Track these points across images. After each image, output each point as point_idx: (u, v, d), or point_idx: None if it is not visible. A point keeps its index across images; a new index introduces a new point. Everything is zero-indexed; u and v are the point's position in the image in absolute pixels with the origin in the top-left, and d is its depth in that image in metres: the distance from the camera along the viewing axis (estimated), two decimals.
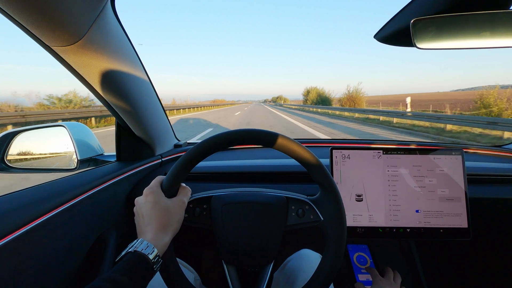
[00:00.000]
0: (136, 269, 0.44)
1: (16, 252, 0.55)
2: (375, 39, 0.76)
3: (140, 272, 0.44)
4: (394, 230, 0.82)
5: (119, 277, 0.41)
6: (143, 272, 0.45)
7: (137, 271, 0.44)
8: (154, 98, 0.96)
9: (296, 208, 0.66)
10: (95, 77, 0.69)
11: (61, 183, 0.72)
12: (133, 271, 0.43)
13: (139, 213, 0.54)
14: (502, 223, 1.05)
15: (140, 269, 0.45)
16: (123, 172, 0.89)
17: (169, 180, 0.56)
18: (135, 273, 0.43)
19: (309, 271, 0.73)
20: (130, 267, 0.44)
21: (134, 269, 0.44)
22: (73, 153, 0.92)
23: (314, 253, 0.84)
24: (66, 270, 0.68)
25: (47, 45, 0.56)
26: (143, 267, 0.45)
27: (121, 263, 0.44)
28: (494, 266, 1.21)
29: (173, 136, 1.23)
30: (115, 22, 0.67)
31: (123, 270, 0.43)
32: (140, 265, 0.45)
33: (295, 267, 0.77)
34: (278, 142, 0.56)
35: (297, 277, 0.73)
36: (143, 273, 0.45)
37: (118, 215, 0.88)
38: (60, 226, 0.65)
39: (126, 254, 0.46)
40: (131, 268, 0.44)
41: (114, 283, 0.40)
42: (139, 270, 0.44)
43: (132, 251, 0.46)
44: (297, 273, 0.74)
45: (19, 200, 0.60)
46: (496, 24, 0.61)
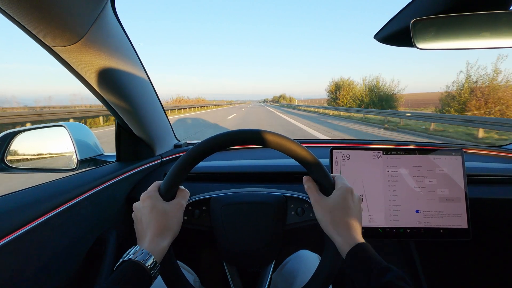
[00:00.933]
0: (131, 278, 0.44)
1: (16, 252, 0.55)
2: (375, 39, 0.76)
3: (136, 280, 0.44)
4: (394, 230, 0.82)
5: (112, 287, 0.41)
6: (138, 280, 0.45)
7: (132, 279, 0.44)
8: (154, 98, 0.96)
9: (296, 207, 0.66)
10: (95, 77, 0.69)
11: (61, 183, 0.72)
12: (127, 280, 0.43)
13: (137, 218, 0.54)
14: (502, 224, 1.05)
15: (136, 277, 0.44)
16: (123, 172, 0.89)
17: (167, 184, 0.56)
18: (130, 281, 0.43)
19: (307, 272, 0.72)
20: (124, 277, 0.44)
21: (129, 278, 0.44)
22: (73, 153, 0.92)
23: (312, 253, 0.84)
24: (66, 269, 0.68)
25: (47, 45, 0.57)
26: (138, 275, 0.45)
27: (115, 273, 0.44)
28: (494, 266, 1.21)
29: (173, 136, 1.23)
30: (115, 22, 0.67)
31: (116, 280, 0.43)
32: (135, 273, 0.45)
33: (293, 268, 0.76)
34: (277, 142, 0.55)
35: (296, 278, 0.73)
36: (139, 281, 0.45)
37: (118, 215, 0.88)
38: (60, 226, 0.65)
39: (122, 263, 0.46)
40: (126, 277, 0.44)
41: None
42: (134, 278, 0.44)
43: (127, 259, 0.46)
44: (295, 274, 0.74)
45: (19, 200, 0.60)
46: (496, 24, 0.61)
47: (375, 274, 0.43)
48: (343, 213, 0.53)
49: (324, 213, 0.54)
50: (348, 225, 0.52)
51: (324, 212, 0.54)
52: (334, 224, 0.53)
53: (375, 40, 0.76)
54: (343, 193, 0.54)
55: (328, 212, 0.54)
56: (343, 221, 0.52)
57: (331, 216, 0.53)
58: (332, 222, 0.53)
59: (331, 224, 0.53)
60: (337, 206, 0.54)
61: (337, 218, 0.53)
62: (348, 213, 0.53)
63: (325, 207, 0.55)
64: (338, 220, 0.53)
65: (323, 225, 0.55)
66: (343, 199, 0.54)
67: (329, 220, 0.53)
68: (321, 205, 0.55)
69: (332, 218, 0.53)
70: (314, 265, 0.75)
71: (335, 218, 0.53)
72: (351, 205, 0.54)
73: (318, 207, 0.56)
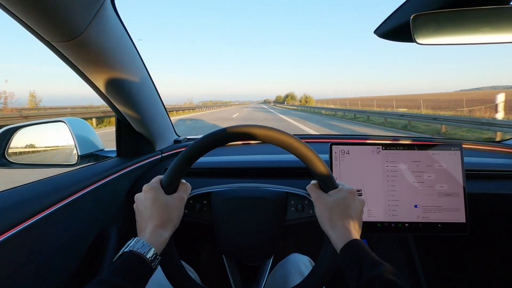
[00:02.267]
0: (131, 269, 0.44)
1: (18, 247, 0.55)
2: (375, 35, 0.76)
3: (136, 272, 0.45)
4: (393, 225, 0.83)
5: (112, 278, 0.41)
6: (139, 271, 0.45)
7: (133, 270, 0.44)
8: (154, 93, 0.96)
9: (296, 203, 0.67)
10: (95, 72, 0.69)
11: (62, 178, 0.73)
12: (128, 271, 0.44)
13: (139, 209, 0.55)
14: (500, 218, 1.06)
15: (136, 268, 0.45)
16: (124, 168, 0.90)
17: (169, 177, 0.56)
18: (131, 273, 0.44)
19: (299, 275, 0.73)
20: (125, 267, 0.44)
21: (129, 269, 0.44)
22: (73, 149, 0.92)
23: (303, 257, 0.84)
24: (68, 264, 0.69)
25: (47, 40, 0.56)
26: (139, 266, 0.45)
27: (116, 264, 0.45)
28: (492, 260, 1.23)
29: (173, 132, 1.24)
30: (114, 18, 0.66)
31: (117, 271, 0.43)
32: (136, 264, 0.45)
33: (286, 272, 0.76)
34: (277, 138, 0.56)
35: (288, 281, 0.73)
36: (140, 272, 0.45)
37: (118, 210, 0.89)
38: (61, 221, 0.66)
39: (122, 254, 0.47)
40: (126, 268, 0.44)
41: (108, 284, 0.40)
42: (135, 270, 0.45)
43: (128, 251, 0.46)
44: (287, 277, 0.74)
45: (20, 195, 0.61)
46: (496, 19, 0.61)
47: (365, 268, 0.44)
48: (342, 212, 0.54)
49: (324, 209, 0.55)
50: (345, 223, 0.53)
51: (324, 208, 0.55)
52: (331, 221, 0.54)
53: (373, 36, 0.76)
54: (344, 193, 0.56)
55: (328, 209, 0.55)
56: (341, 219, 0.53)
57: (330, 213, 0.54)
58: (330, 219, 0.54)
59: (328, 220, 0.54)
60: (337, 204, 0.54)
61: (335, 215, 0.54)
62: (347, 212, 0.54)
63: (325, 204, 0.55)
64: (336, 218, 0.53)
65: (321, 221, 0.56)
66: (344, 198, 0.55)
67: (327, 217, 0.54)
68: (321, 202, 0.56)
69: (331, 215, 0.54)
70: (306, 268, 0.76)
71: (333, 215, 0.54)
72: (351, 205, 0.55)
73: (318, 203, 0.57)
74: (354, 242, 0.49)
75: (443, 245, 1.28)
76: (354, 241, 0.49)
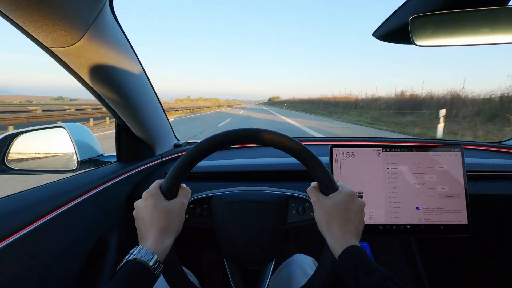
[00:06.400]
0: (135, 278, 0.44)
1: (19, 253, 0.55)
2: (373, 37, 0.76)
3: (140, 280, 0.44)
4: (395, 227, 0.83)
5: (118, 287, 0.41)
6: (143, 280, 0.45)
7: (137, 279, 0.44)
8: (154, 98, 0.96)
9: (296, 206, 0.67)
10: (94, 78, 0.69)
11: (62, 184, 0.72)
12: (132, 280, 0.43)
13: (139, 216, 0.54)
14: (502, 219, 1.05)
15: (140, 277, 0.45)
16: (124, 173, 0.89)
17: (168, 182, 0.56)
18: (135, 281, 0.44)
19: (303, 275, 0.72)
20: (129, 276, 0.44)
21: (134, 278, 0.44)
22: (73, 154, 0.92)
23: (307, 257, 0.83)
24: (69, 270, 0.68)
25: (46, 46, 0.56)
26: (143, 274, 0.45)
27: (120, 273, 0.44)
28: (495, 262, 1.22)
29: (173, 136, 1.23)
30: (113, 23, 0.67)
31: (121, 280, 0.43)
32: (140, 273, 0.45)
33: (290, 272, 0.76)
34: (278, 141, 0.56)
35: (292, 281, 0.72)
36: (144, 281, 0.45)
37: (119, 215, 0.89)
38: (61, 227, 0.65)
39: (126, 263, 0.46)
40: (130, 277, 0.44)
41: None
42: (139, 278, 0.44)
43: (132, 259, 0.46)
44: (292, 278, 0.73)
45: (20, 202, 0.60)
46: (495, 20, 0.61)
47: (362, 275, 0.44)
48: (340, 215, 0.53)
49: (322, 214, 0.54)
50: (343, 228, 0.52)
51: (322, 212, 0.54)
52: (329, 226, 0.53)
53: (371, 38, 0.76)
54: (344, 196, 0.54)
55: (326, 213, 0.54)
56: (339, 223, 0.52)
57: (328, 218, 0.53)
58: (328, 224, 0.53)
59: (326, 225, 0.53)
60: (335, 208, 0.53)
61: (333, 220, 0.53)
62: (345, 215, 0.53)
63: (323, 208, 0.54)
64: (334, 222, 0.52)
65: (319, 225, 0.55)
66: (343, 202, 0.54)
67: (325, 222, 0.53)
68: (320, 206, 0.55)
69: (328, 220, 0.53)
70: (310, 268, 0.76)
71: (331, 220, 0.53)
72: (350, 208, 0.53)
73: (317, 207, 0.56)
74: (351, 249, 0.48)
75: (445, 247, 1.27)
76: (350, 248, 0.48)
